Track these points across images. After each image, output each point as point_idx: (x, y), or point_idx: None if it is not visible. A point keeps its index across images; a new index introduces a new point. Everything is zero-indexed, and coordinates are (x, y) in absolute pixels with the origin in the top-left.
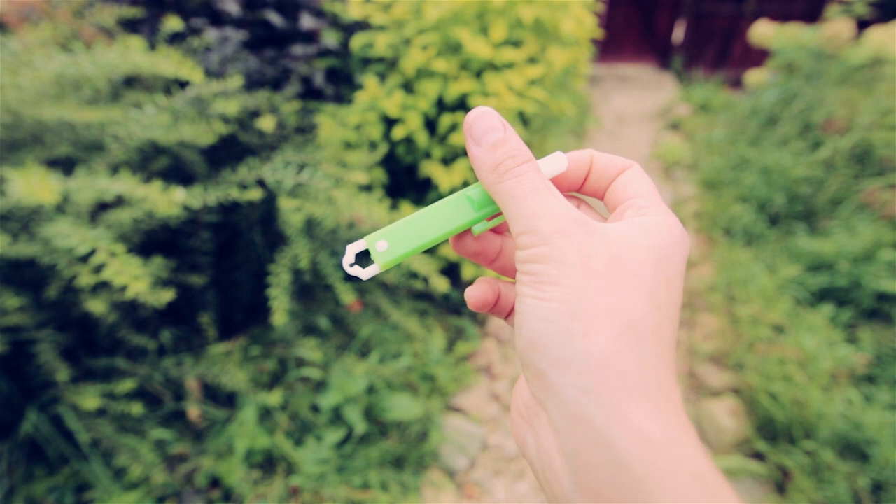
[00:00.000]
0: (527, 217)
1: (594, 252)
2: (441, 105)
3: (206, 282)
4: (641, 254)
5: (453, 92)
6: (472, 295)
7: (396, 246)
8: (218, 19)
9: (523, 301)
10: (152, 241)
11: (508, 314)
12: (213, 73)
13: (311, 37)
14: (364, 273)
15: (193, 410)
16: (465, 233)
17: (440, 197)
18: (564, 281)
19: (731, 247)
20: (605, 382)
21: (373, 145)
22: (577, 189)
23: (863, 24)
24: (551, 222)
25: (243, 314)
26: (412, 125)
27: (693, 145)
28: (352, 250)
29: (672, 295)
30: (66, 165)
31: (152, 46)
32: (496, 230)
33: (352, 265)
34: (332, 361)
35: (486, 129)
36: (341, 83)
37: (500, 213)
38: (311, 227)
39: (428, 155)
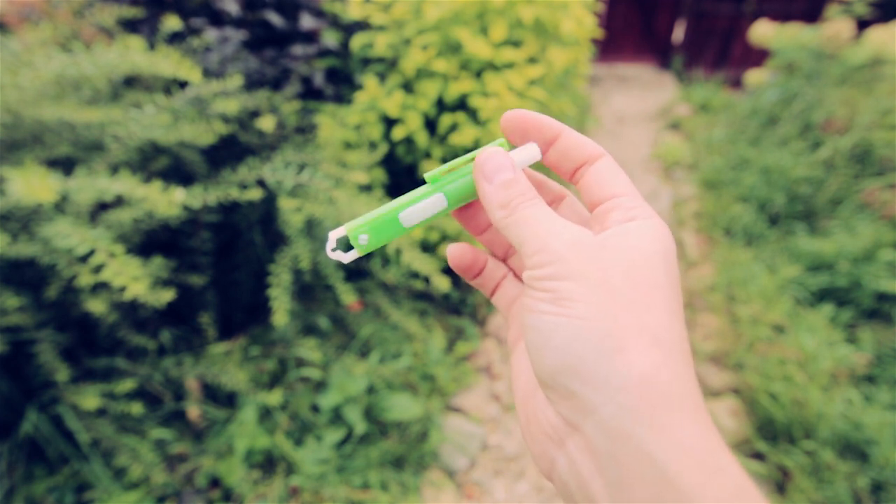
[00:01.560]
0: (539, 237)
1: (610, 265)
2: (441, 105)
3: (206, 282)
4: (652, 262)
5: (453, 92)
6: (453, 253)
7: (365, 218)
8: (218, 19)
9: (542, 318)
10: (152, 240)
11: (493, 292)
12: (212, 73)
13: (311, 37)
14: (345, 257)
15: (193, 410)
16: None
17: None
18: (587, 297)
19: (731, 247)
20: (642, 398)
21: (373, 145)
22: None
23: (863, 24)
24: (563, 241)
25: (243, 314)
26: (412, 125)
27: (693, 145)
28: (333, 236)
29: (680, 299)
30: (65, 165)
31: (152, 46)
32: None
33: (334, 250)
34: (333, 361)
35: (496, 168)
36: (341, 83)
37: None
38: (311, 227)
39: (428, 155)
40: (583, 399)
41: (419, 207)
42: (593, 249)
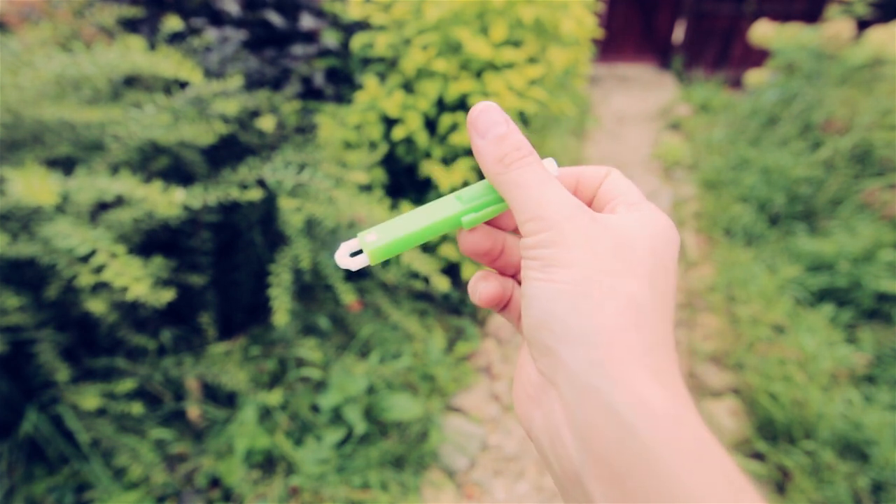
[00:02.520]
0: (533, 205)
1: (598, 237)
2: (441, 105)
3: (206, 282)
4: (641, 242)
5: (453, 92)
6: (487, 293)
7: (385, 238)
8: (218, 19)
9: (532, 284)
10: (152, 240)
11: (504, 307)
12: (213, 73)
13: (311, 37)
14: (354, 263)
15: (193, 410)
16: (470, 232)
17: (440, 196)
18: (571, 263)
19: (731, 247)
20: (611, 356)
21: (373, 145)
22: None
23: (863, 24)
24: (556, 209)
25: (243, 314)
26: (412, 125)
27: (693, 145)
28: (346, 248)
29: (669, 283)
30: (66, 165)
31: (152, 46)
32: (497, 225)
33: (346, 257)
34: (333, 361)
35: (490, 123)
36: (341, 83)
37: (488, 206)
38: (311, 227)
39: (428, 155)
40: (557, 355)
41: (432, 207)
42: (586, 221)
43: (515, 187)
